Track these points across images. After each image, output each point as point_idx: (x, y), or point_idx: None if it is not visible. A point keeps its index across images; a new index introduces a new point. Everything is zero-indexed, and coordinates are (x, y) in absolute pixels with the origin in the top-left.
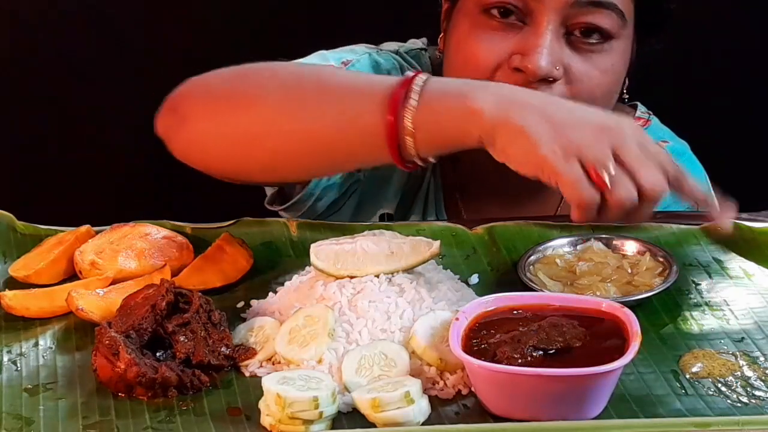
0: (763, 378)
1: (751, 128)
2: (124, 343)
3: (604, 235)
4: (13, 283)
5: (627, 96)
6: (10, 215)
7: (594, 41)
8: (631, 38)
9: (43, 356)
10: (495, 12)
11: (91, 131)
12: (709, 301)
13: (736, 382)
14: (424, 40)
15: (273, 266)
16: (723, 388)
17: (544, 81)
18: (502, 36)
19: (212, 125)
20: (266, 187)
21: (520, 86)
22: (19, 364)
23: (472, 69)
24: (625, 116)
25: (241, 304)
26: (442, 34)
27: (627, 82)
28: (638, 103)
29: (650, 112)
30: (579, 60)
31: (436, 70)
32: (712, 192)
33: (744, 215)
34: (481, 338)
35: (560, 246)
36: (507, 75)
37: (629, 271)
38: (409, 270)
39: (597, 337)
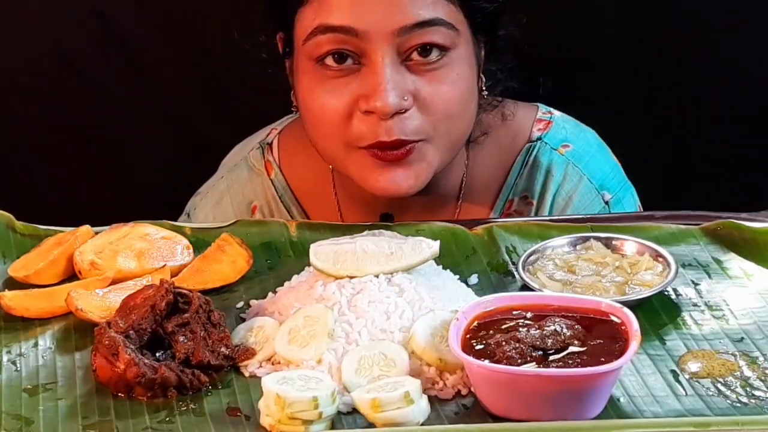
0: (762, 378)
1: (751, 128)
2: (123, 344)
3: (603, 235)
4: (12, 284)
5: (486, 92)
6: (10, 215)
7: (434, 58)
8: (470, 40)
9: (42, 356)
10: (330, 61)
11: (90, 131)
12: (709, 301)
13: (736, 382)
14: None
15: (272, 266)
16: (722, 388)
17: (397, 113)
18: (343, 83)
19: None
20: None
21: (376, 128)
22: (18, 365)
23: (326, 124)
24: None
25: (240, 305)
26: (293, 90)
27: (483, 78)
28: (539, 105)
29: (552, 111)
30: (424, 83)
31: None
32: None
33: (744, 215)
34: (481, 338)
35: (560, 246)
36: (361, 119)
37: (628, 271)
38: (408, 270)
39: (596, 338)
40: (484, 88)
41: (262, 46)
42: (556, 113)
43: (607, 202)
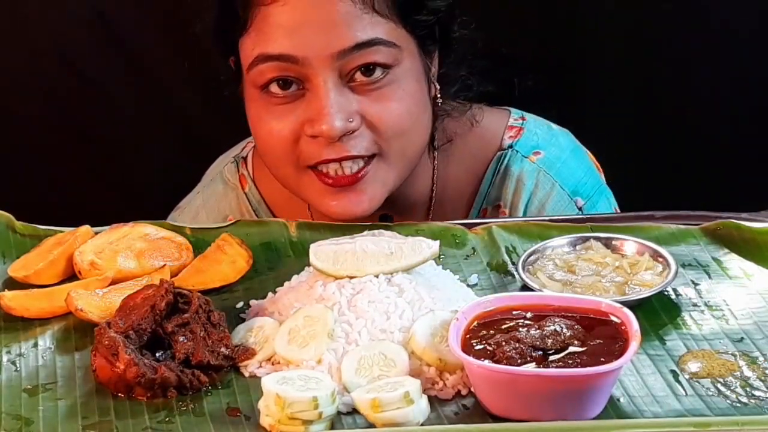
0: (762, 378)
1: (751, 128)
2: (123, 344)
3: (603, 235)
4: (12, 284)
5: (441, 99)
6: (9, 215)
7: (378, 77)
8: (416, 53)
9: (42, 357)
10: (274, 88)
11: (90, 131)
12: (709, 301)
13: (736, 382)
14: None
15: (272, 266)
16: (722, 388)
17: (344, 135)
18: (289, 109)
19: None
20: None
21: (323, 148)
22: (18, 365)
23: (273, 148)
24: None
25: (240, 305)
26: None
27: (437, 86)
28: (511, 109)
29: (524, 116)
30: (370, 102)
31: None
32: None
33: (744, 215)
34: (481, 338)
35: (560, 246)
36: (308, 143)
37: (628, 271)
38: (408, 270)
39: (596, 338)
40: (438, 96)
41: (221, 68)
42: (529, 117)
43: (580, 209)
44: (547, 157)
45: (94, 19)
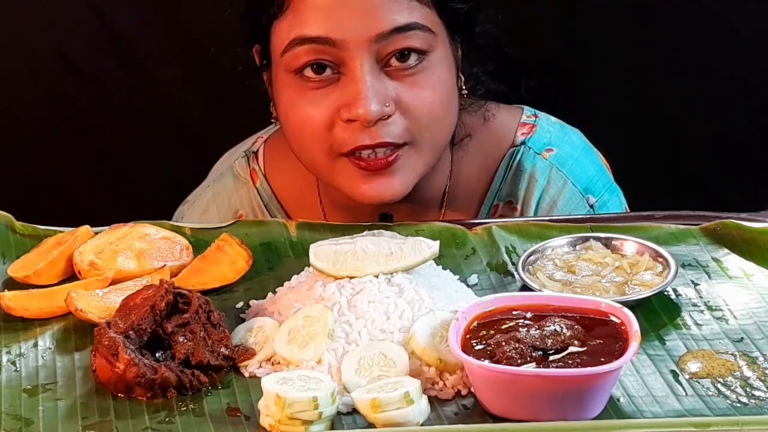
0: (762, 378)
1: (750, 128)
2: (123, 344)
3: (603, 235)
4: (12, 284)
5: (466, 91)
6: (9, 215)
7: (413, 63)
8: (447, 42)
9: (42, 357)
10: (309, 72)
11: (90, 131)
12: (708, 302)
13: (736, 382)
14: None
15: (272, 267)
16: (722, 389)
17: (380, 120)
18: (324, 94)
19: None
20: None
21: (358, 134)
22: (18, 365)
23: (309, 135)
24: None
25: (240, 305)
26: (272, 102)
27: (463, 78)
28: (524, 107)
29: (537, 113)
30: (405, 88)
31: None
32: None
33: (744, 215)
34: (481, 338)
35: (560, 246)
36: (343, 128)
37: (628, 271)
38: (408, 270)
39: (596, 338)
40: (464, 87)
41: (239, 59)
42: (541, 115)
43: (591, 206)
44: (560, 155)
45: (94, 19)
